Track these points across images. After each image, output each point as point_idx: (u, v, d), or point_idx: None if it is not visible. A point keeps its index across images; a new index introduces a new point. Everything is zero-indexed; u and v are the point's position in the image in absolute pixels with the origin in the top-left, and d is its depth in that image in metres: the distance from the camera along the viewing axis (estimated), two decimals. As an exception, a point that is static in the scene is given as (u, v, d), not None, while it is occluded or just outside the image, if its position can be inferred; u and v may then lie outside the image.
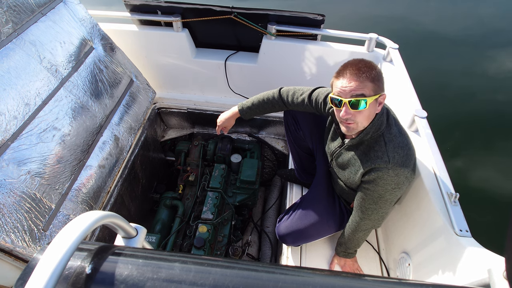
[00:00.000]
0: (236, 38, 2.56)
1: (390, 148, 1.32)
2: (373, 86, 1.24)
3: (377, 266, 1.84)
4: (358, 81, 1.23)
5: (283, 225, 1.80)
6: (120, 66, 2.19)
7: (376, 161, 1.33)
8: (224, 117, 1.90)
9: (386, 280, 0.63)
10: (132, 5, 2.34)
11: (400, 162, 1.32)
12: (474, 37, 5.07)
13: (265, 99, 1.76)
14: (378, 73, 1.26)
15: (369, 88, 1.24)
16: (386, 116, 1.37)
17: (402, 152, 1.33)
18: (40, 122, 1.59)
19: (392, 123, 1.37)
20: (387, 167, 1.32)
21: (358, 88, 1.24)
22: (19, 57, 1.57)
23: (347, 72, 1.26)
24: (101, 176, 1.88)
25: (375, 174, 1.35)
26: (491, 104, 4.02)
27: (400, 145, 1.33)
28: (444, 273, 1.31)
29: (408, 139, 1.39)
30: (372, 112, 1.30)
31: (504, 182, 3.23)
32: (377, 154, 1.34)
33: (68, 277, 0.49)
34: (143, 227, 0.75)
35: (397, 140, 1.34)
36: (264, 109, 1.79)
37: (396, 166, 1.31)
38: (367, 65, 1.25)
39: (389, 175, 1.33)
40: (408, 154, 1.34)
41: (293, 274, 0.55)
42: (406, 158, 1.33)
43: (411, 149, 1.38)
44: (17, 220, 1.36)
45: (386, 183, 1.35)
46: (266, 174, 2.95)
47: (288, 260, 1.83)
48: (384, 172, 1.33)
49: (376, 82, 1.24)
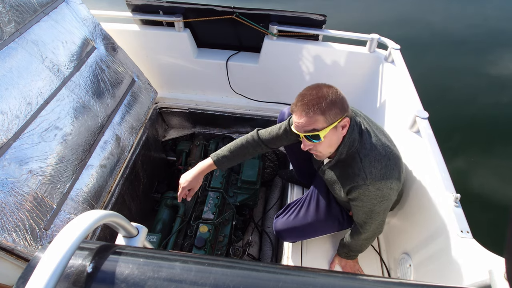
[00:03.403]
0: (238, 38, 2.56)
1: (366, 164, 1.29)
2: (324, 118, 1.21)
3: (378, 266, 1.84)
4: (307, 117, 1.21)
5: (280, 221, 1.79)
6: (121, 66, 2.20)
7: (354, 178, 1.32)
8: (191, 175, 1.61)
9: (387, 280, 0.63)
10: (134, 5, 2.34)
11: (379, 176, 1.29)
12: (478, 38, 5.05)
13: (243, 143, 1.62)
14: (331, 102, 1.20)
15: (320, 122, 1.21)
16: (358, 130, 1.33)
17: (379, 165, 1.29)
18: (42, 121, 1.59)
19: (366, 137, 1.32)
20: (366, 184, 1.30)
21: (309, 124, 1.22)
22: (21, 56, 1.58)
23: (298, 107, 1.23)
24: (102, 175, 1.88)
25: (357, 191, 1.34)
26: (494, 105, 4.00)
27: (376, 158, 1.30)
28: (445, 274, 1.31)
29: (387, 148, 1.34)
30: (334, 139, 1.28)
31: (506, 183, 3.22)
32: (354, 171, 1.32)
33: (69, 276, 0.49)
34: (144, 227, 0.75)
35: (373, 153, 1.30)
36: (243, 154, 1.64)
37: (375, 180, 1.29)
38: (317, 96, 1.20)
39: (370, 191, 1.31)
40: (387, 165, 1.30)
41: (294, 274, 0.55)
42: (386, 169, 1.30)
43: (392, 158, 1.33)
44: (18, 219, 1.36)
45: (370, 198, 1.34)
46: (267, 174, 2.95)
47: (288, 260, 1.83)
48: (365, 189, 1.31)
49: (328, 113, 1.20)
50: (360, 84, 2.42)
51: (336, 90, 1.24)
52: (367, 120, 1.41)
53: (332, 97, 1.21)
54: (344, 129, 1.28)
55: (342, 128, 1.27)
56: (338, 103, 1.22)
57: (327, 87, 1.24)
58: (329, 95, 1.21)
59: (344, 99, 1.25)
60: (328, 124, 1.22)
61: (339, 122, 1.24)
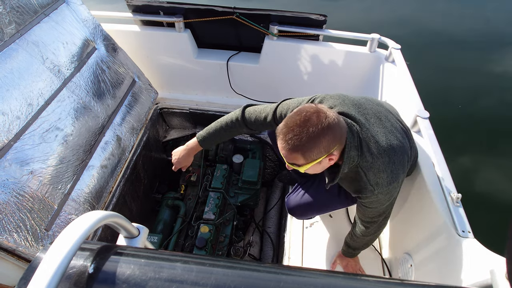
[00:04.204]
0: (238, 39, 2.56)
1: (371, 177, 1.25)
2: (304, 158, 1.13)
3: (379, 266, 1.84)
4: (287, 152, 1.14)
5: (292, 198, 1.79)
6: (122, 67, 2.20)
7: (362, 191, 1.30)
8: (180, 156, 1.78)
9: (388, 280, 0.63)
10: (135, 6, 2.35)
11: (387, 183, 1.26)
12: (479, 38, 5.05)
13: (228, 124, 1.62)
14: (314, 142, 1.09)
15: (300, 160, 1.14)
16: (356, 145, 1.22)
17: (384, 174, 1.25)
18: (43, 122, 1.59)
19: (366, 149, 1.23)
20: (375, 194, 1.28)
21: (289, 159, 1.16)
22: (22, 57, 1.58)
23: (279, 138, 1.14)
24: (103, 176, 1.88)
25: (366, 199, 1.33)
26: (494, 105, 4.00)
27: (380, 168, 1.24)
28: (446, 274, 1.30)
29: (390, 151, 1.25)
30: (319, 169, 1.22)
31: (507, 183, 3.21)
32: (360, 185, 1.28)
33: (70, 276, 0.49)
34: (145, 227, 0.75)
35: (376, 165, 1.24)
36: (227, 135, 1.65)
37: (383, 188, 1.26)
38: (299, 132, 1.09)
39: (379, 198, 1.31)
40: (393, 170, 1.26)
41: (295, 274, 0.55)
42: (392, 175, 1.26)
43: (396, 162, 1.27)
44: (19, 219, 1.36)
45: (380, 202, 1.34)
46: (268, 174, 2.95)
47: (289, 260, 1.83)
48: (374, 198, 1.31)
49: (309, 154, 1.11)
50: (360, 84, 2.42)
51: (325, 121, 1.10)
52: (363, 120, 1.27)
53: (316, 134, 1.09)
54: (331, 161, 1.20)
55: (329, 160, 1.19)
56: (323, 140, 1.10)
57: (316, 117, 1.09)
58: (314, 133, 1.08)
59: (334, 129, 1.11)
60: (309, 162, 1.15)
61: (323, 158, 1.16)
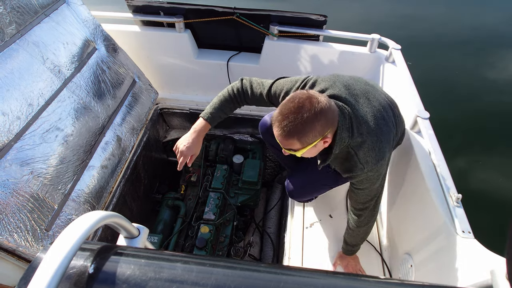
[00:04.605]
0: (238, 39, 2.56)
1: (361, 156, 1.31)
2: (300, 143, 1.18)
3: (379, 267, 1.84)
4: (283, 139, 1.19)
5: (291, 181, 1.84)
6: (122, 67, 2.20)
7: (352, 170, 1.35)
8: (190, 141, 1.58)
9: (388, 281, 0.63)
10: (135, 6, 2.35)
11: (375, 161, 1.32)
12: (479, 38, 5.05)
13: (227, 99, 1.61)
14: (309, 126, 1.14)
15: (296, 145, 1.19)
16: (347, 126, 1.27)
17: (373, 153, 1.31)
18: (43, 122, 1.59)
19: (356, 131, 1.28)
20: (364, 172, 1.33)
21: (286, 145, 1.22)
22: (22, 58, 1.58)
23: (275, 126, 1.19)
24: (103, 176, 1.88)
25: (357, 178, 1.39)
26: (495, 105, 4.00)
27: (369, 147, 1.30)
28: (446, 274, 1.30)
29: (377, 129, 1.31)
30: (315, 151, 1.28)
31: (507, 184, 3.21)
32: (351, 164, 1.34)
33: (70, 277, 0.49)
34: (145, 227, 0.75)
35: (365, 144, 1.29)
36: (229, 109, 1.64)
37: (372, 166, 1.32)
38: (294, 119, 1.13)
39: (368, 176, 1.36)
40: (380, 148, 1.32)
41: (295, 274, 0.55)
42: (380, 153, 1.32)
43: (383, 141, 1.33)
44: (20, 220, 1.36)
45: (370, 181, 1.39)
46: (268, 174, 2.95)
47: (290, 260, 1.83)
48: (363, 176, 1.36)
49: (304, 138, 1.16)
50: (361, 84, 2.42)
51: (317, 106, 1.14)
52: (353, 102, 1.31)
53: (310, 119, 1.13)
54: (326, 143, 1.25)
55: (323, 142, 1.24)
56: (317, 125, 1.15)
57: (309, 103, 1.14)
58: (308, 119, 1.13)
59: (326, 113, 1.16)
60: (305, 146, 1.20)
61: (318, 141, 1.21)
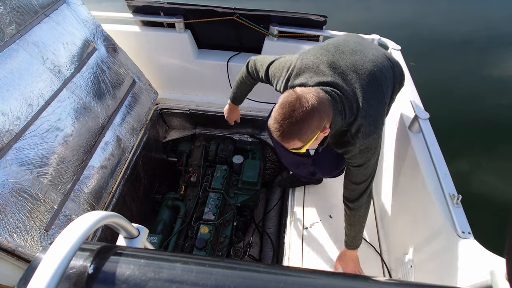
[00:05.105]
0: (238, 39, 2.56)
1: (353, 131, 1.33)
2: (301, 141, 1.21)
3: (379, 267, 1.84)
4: (284, 142, 1.22)
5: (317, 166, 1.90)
6: (122, 67, 2.20)
7: (346, 145, 1.38)
8: (228, 112, 2.05)
9: (388, 281, 0.63)
10: (135, 6, 2.35)
11: (367, 134, 1.32)
12: (479, 38, 5.05)
13: (242, 82, 1.81)
14: (305, 126, 1.17)
15: (298, 144, 1.22)
16: (341, 110, 1.28)
17: (364, 128, 1.31)
18: (43, 122, 1.59)
19: (348, 111, 1.30)
20: (356, 147, 1.36)
21: (288, 146, 1.24)
22: (22, 58, 1.58)
23: (273, 132, 1.21)
24: (103, 176, 1.88)
25: (350, 154, 1.41)
26: (495, 106, 4.00)
27: (360, 123, 1.30)
28: (446, 275, 1.30)
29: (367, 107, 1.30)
30: (317, 142, 1.30)
31: (507, 184, 3.21)
32: (344, 139, 1.37)
33: (70, 277, 0.49)
34: (145, 228, 0.75)
35: (357, 121, 1.30)
36: (246, 90, 1.88)
37: (364, 140, 1.33)
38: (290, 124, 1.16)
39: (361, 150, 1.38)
40: (370, 122, 1.31)
41: (295, 275, 0.55)
42: (371, 126, 1.32)
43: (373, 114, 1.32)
44: (19, 220, 1.36)
45: (363, 156, 1.40)
46: (268, 175, 2.95)
47: (289, 261, 1.83)
48: (356, 151, 1.39)
49: (304, 136, 1.19)
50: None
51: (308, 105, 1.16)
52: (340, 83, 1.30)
53: (304, 119, 1.16)
54: (326, 133, 1.27)
55: (323, 133, 1.26)
56: (313, 121, 1.18)
57: (299, 104, 1.16)
58: (302, 119, 1.16)
59: (318, 108, 1.18)
60: (306, 142, 1.23)
61: (319, 134, 1.23)
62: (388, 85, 1.45)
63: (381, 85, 1.39)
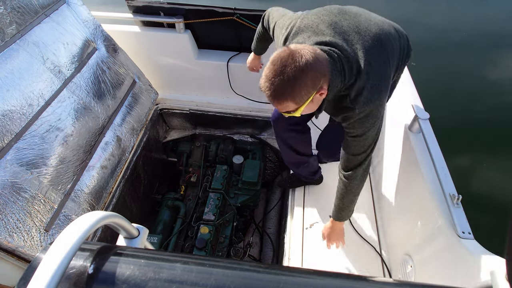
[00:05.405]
0: (239, 39, 2.56)
1: (352, 96, 1.23)
2: (294, 103, 1.12)
3: (379, 267, 1.83)
4: (277, 103, 1.13)
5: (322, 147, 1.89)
6: (122, 67, 2.20)
7: (344, 111, 1.28)
8: (250, 60, 2.05)
9: (388, 282, 0.63)
10: (135, 7, 2.35)
11: (367, 100, 1.22)
12: (480, 39, 5.05)
13: (260, 36, 1.76)
14: (299, 84, 1.08)
15: (291, 106, 1.13)
16: (340, 70, 1.18)
17: (365, 91, 1.21)
18: (43, 122, 1.59)
19: (347, 72, 1.20)
20: (356, 113, 1.25)
21: (281, 108, 1.16)
22: (22, 58, 1.58)
23: (264, 92, 1.13)
24: (103, 176, 1.88)
25: (349, 121, 1.31)
26: (495, 106, 4.00)
27: (360, 86, 1.20)
28: (446, 275, 1.30)
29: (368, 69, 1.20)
30: (314, 106, 1.20)
31: (507, 184, 3.21)
32: (343, 104, 1.27)
33: (70, 277, 0.49)
34: (145, 228, 0.75)
35: (357, 84, 1.20)
36: (265, 41, 1.82)
37: (365, 106, 1.23)
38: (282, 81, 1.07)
39: (360, 118, 1.26)
40: (372, 85, 1.21)
41: (295, 275, 0.55)
42: (372, 90, 1.21)
43: (375, 78, 1.22)
44: (19, 220, 1.36)
45: (362, 125, 1.29)
46: (268, 175, 2.95)
47: (289, 261, 1.83)
48: (355, 118, 1.27)
49: (297, 98, 1.10)
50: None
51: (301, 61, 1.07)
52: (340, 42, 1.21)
53: (297, 77, 1.07)
54: (322, 95, 1.16)
55: (320, 95, 1.16)
56: (307, 80, 1.08)
57: (291, 60, 1.06)
58: (295, 77, 1.06)
59: (313, 65, 1.08)
60: (301, 104, 1.13)
61: (314, 96, 1.13)
62: (394, 54, 1.34)
63: (386, 50, 1.28)
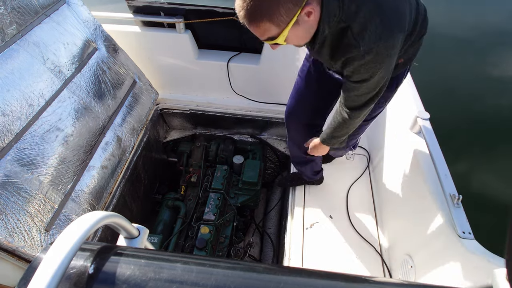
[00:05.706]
0: (239, 39, 2.56)
1: (355, 29, 1.01)
2: (275, 25, 0.96)
3: (379, 268, 1.83)
4: (254, 26, 0.98)
5: None
6: (123, 67, 2.20)
7: (346, 51, 1.06)
8: None
9: (388, 282, 0.63)
10: (135, 7, 2.35)
11: (375, 37, 1.00)
12: (480, 38, 5.04)
13: None
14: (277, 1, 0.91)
15: (273, 29, 0.97)
16: None
17: (372, 25, 0.99)
18: (44, 123, 1.59)
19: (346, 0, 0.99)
20: (361, 52, 1.03)
21: (262, 34, 1.01)
22: (23, 58, 1.58)
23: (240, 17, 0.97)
24: (103, 176, 1.88)
25: (352, 65, 1.09)
26: (496, 106, 3.99)
27: (366, 17, 0.99)
28: (447, 275, 1.30)
29: None
30: (301, 32, 1.03)
31: (507, 184, 3.21)
32: (343, 43, 1.06)
33: (70, 277, 0.49)
34: (145, 228, 0.75)
35: (361, 13, 0.99)
36: None
37: (371, 44, 1.01)
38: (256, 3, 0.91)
39: (366, 61, 1.05)
40: (383, 19, 1.00)
41: (295, 275, 0.55)
42: (383, 26, 1.00)
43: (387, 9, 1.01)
44: (19, 220, 1.36)
45: (367, 70, 1.08)
46: (268, 175, 2.95)
47: (290, 261, 1.83)
48: (360, 62, 1.06)
49: (276, 17, 0.94)
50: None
51: None
52: None
53: None
54: (311, 16, 0.99)
55: (307, 16, 0.98)
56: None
57: None
58: None
59: None
60: (283, 27, 0.97)
61: (299, 15, 0.96)
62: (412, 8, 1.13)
63: None
